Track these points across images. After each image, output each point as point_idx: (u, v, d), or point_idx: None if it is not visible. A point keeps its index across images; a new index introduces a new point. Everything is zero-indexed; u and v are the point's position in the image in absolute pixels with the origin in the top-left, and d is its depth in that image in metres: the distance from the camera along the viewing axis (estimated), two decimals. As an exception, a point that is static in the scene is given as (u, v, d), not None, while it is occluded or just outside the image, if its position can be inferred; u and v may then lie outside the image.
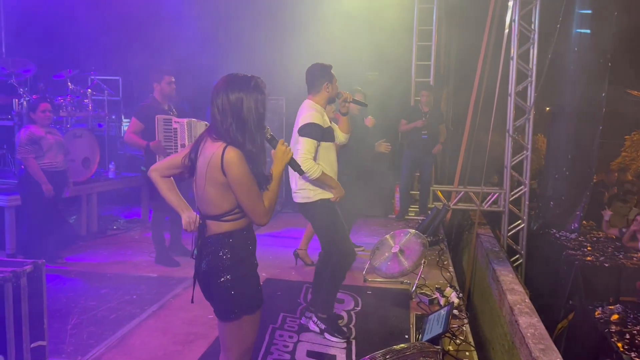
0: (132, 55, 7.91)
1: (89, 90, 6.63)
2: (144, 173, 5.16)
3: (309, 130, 3.53)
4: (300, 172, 2.57)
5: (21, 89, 6.03)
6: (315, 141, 3.55)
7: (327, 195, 3.64)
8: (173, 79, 5.11)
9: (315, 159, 3.53)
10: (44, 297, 3.25)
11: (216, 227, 2.22)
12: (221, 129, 2.16)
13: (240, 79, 2.19)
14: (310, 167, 3.45)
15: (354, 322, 4.01)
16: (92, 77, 7.22)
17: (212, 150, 2.15)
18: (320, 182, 3.56)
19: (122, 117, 7.91)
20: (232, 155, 2.11)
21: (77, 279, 4.85)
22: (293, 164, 2.41)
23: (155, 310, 4.14)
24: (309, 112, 3.62)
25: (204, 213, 2.25)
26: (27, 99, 5.76)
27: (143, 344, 3.59)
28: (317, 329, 3.76)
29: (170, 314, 4.09)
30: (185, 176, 2.38)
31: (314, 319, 3.79)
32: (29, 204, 5.02)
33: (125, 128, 7.93)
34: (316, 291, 3.88)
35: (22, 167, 4.91)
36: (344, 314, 4.12)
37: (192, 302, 2.38)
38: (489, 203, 7.15)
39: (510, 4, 6.72)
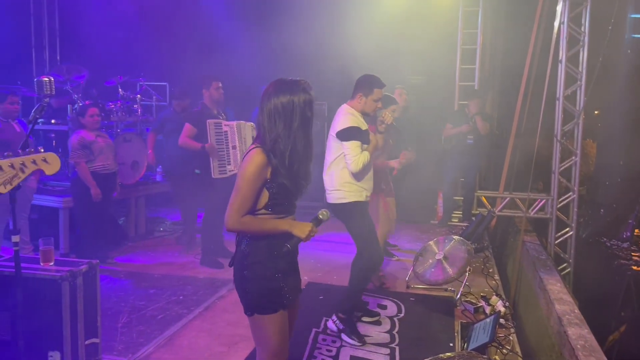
0: (178, 62, 8.15)
1: (138, 96, 6.84)
2: (198, 176, 5.33)
3: (351, 133, 3.59)
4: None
5: (75, 95, 6.28)
6: (360, 142, 3.61)
7: (361, 197, 3.68)
8: (220, 84, 5.29)
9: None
10: (97, 296, 3.38)
11: None
12: (264, 132, 2.23)
13: (288, 83, 2.25)
14: (359, 166, 3.55)
15: (397, 328, 3.99)
16: (141, 83, 7.45)
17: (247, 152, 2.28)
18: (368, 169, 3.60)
19: (170, 122, 8.11)
20: (251, 155, 2.21)
21: (127, 279, 5.01)
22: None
23: (201, 311, 4.24)
24: (346, 116, 3.69)
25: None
26: (80, 104, 5.99)
27: (189, 344, 3.68)
28: (335, 329, 3.78)
29: (216, 316, 4.17)
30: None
31: (334, 317, 3.81)
32: (81, 205, 5.21)
33: (172, 132, 8.14)
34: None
35: (74, 170, 5.11)
36: (387, 320, 4.11)
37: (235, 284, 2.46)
38: (535, 210, 6.96)
39: (559, 6, 6.55)
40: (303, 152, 2.25)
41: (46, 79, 2.73)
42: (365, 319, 4.08)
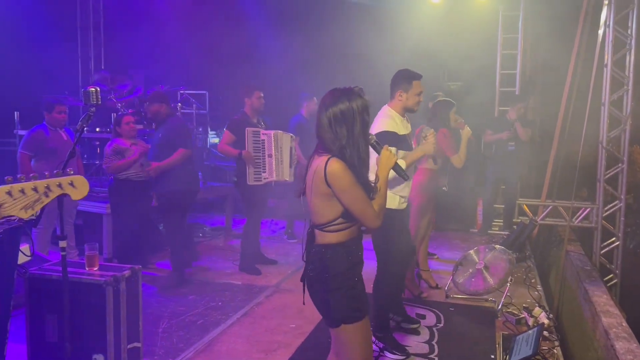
0: (217, 71, 8.31)
1: (179, 104, 6.99)
2: (236, 183, 5.41)
3: (382, 139, 3.47)
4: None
5: (119, 104, 6.47)
6: (394, 148, 3.51)
7: (393, 204, 3.54)
8: (262, 94, 5.37)
9: None
10: (139, 301, 3.45)
11: (320, 237, 2.32)
12: (328, 142, 2.26)
13: (343, 91, 2.30)
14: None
15: (436, 339, 3.92)
16: (182, 92, 7.62)
17: (318, 163, 2.27)
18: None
19: (209, 130, 8.27)
20: (335, 166, 2.20)
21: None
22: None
23: (239, 318, 4.27)
24: (382, 119, 3.59)
25: (312, 222, 2.36)
26: (124, 113, 6.16)
27: (228, 350, 3.71)
28: (377, 348, 3.69)
29: (254, 322, 4.20)
30: (298, 193, 2.48)
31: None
32: (120, 211, 5.33)
33: (212, 140, 8.30)
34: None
35: (111, 177, 5.24)
36: (426, 330, 4.04)
37: (304, 303, 2.46)
38: (579, 219, 6.74)
39: (604, 8, 6.35)
40: (366, 157, 2.30)
41: (92, 89, 2.82)
42: (404, 324, 4.01)
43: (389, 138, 3.47)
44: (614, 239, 6.54)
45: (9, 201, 1.45)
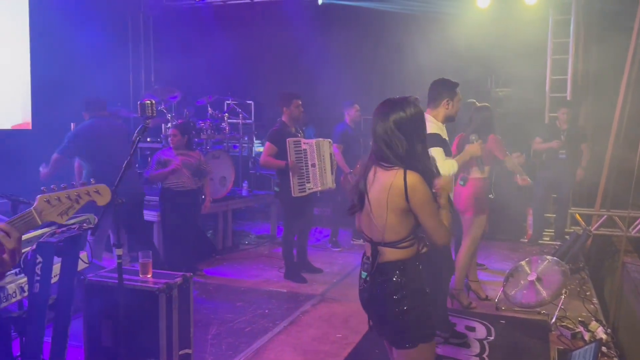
0: (262, 80, 8.44)
1: (226, 114, 7.13)
2: (277, 193, 5.45)
3: (432, 140, 3.39)
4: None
5: (169, 115, 6.65)
6: (442, 149, 3.49)
7: None
8: (300, 102, 5.36)
9: None
10: (191, 308, 3.51)
11: (390, 254, 2.21)
12: (391, 155, 2.19)
13: (397, 101, 2.26)
14: (450, 169, 3.47)
15: (487, 352, 3.82)
16: (228, 102, 7.77)
17: (389, 177, 2.17)
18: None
19: (254, 139, 8.39)
20: (415, 180, 2.14)
21: (215, 291, 5.18)
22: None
23: (286, 326, 4.29)
24: (427, 123, 3.58)
25: (378, 240, 2.23)
26: (173, 123, 6.33)
27: (276, 359, 3.73)
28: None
29: (301, 330, 4.21)
30: (355, 210, 2.37)
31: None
32: (169, 219, 5.45)
33: (257, 149, 8.42)
34: None
35: (160, 185, 5.37)
36: (476, 343, 3.95)
37: (369, 325, 2.45)
38: (637, 229, 6.45)
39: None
40: (430, 167, 2.28)
41: (148, 102, 2.91)
42: (452, 340, 3.94)
43: (435, 139, 3.45)
44: (675, 250, 6.22)
45: (47, 208, 1.66)
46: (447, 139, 3.67)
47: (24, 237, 1.94)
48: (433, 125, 3.56)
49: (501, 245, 6.88)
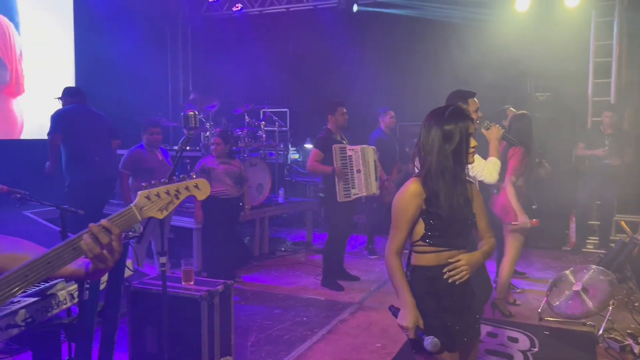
0: (297, 88, 8.51)
1: (263, 122, 7.20)
2: (322, 199, 5.51)
3: None
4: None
5: (207, 123, 6.77)
6: (477, 155, 3.41)
7: None
8: (345, 110, 5.44)
9: None
10: (232, 315, 3.56)
11: (412, 257, 2.30)
12: (418, 163, 2.25)
13: (436, 112, 2.23)
14: (494, 174, 3.38)
15: (531, 364, 3.73)
16: (265, 110, 7.85)
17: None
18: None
19: (289, 146, 8.45)
20: (407, 185, 2.21)
21: (254, 298, 5.22)
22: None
23: (325, 334, 4.28)
24: None
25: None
26: (213, 131, 6.43)
27: (315, 367, 3.73)
28: None
29: (339, 339, 4.19)
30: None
31: None
32: (208, 227, 5.53)
33: (292, 156, 8.48)
34: None
35: None
36: (519, 355, 3.86)
37: None
38: (687, 237, 6.19)
39: None
40: (457, 180, 2.20)
41: (191, 113, 2.97)
42: None
43: None
44: None
45: (147, 204, 1.64)
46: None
47: None
48: None
49: (542, 253, 6.71)
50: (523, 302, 4.94)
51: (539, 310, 4.55)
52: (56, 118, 5.31)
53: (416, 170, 2.31)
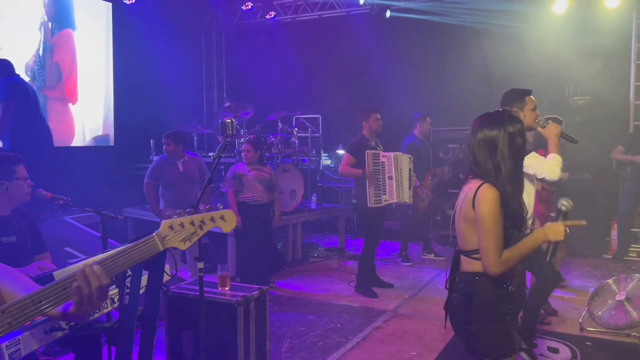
0: (329, 95, 8.53)
1: (295, 129, 7.24)
2: (355, 205, 5.50)
3: None
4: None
5: (241, 130, 6.84)
6: (535, 153, 3.32)
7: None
8: (379, 116, 5.44)
9: None
10: (267, 321, 3.57)
11: (467, 264, 2.26)
12: (478, 168, 2.22)
13: (491, 116, 2.25)
14: (555, 170, 3.24)
15: (573, 376, 3.62)
16: (297, 117, 7.89)
17: (470, 186, 2.23)
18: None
19: (322, 152, 8.47)
20: (485, 192, 2.14)
21: (287, 303, 5.23)
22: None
23: (359, 342, 4.26)
24: None
25: (459, 247, 2.31)
26: (246, 138, 6.50)
27: (350, 375, 3.71)
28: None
29: (373, 347, 4.16)
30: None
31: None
32: (241, 232, 5.56)
33: (325, 162, 8.48)
34: None
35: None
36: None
37: (445, 328, 2.42)
38: None
39: None
40: (519, 181, 2.21)
41: (228, 120, 3.01)
42: (524, 355, 3.74)
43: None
44: None
45: (170, 234, 1.61)
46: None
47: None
48: None
49: (582, 261, 6.52)
50: (563, 312, 4.81)
51: (580, 320, 4.42)
52: (5, 86, 4.97)
53: (460, 176, 2.29)
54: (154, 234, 1.60)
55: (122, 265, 1.57)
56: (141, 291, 2.99)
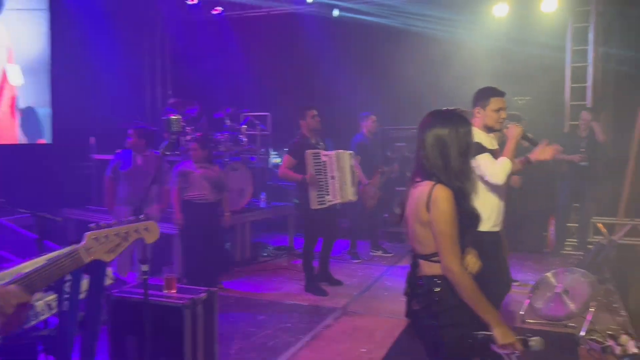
0: (278, 92, 8.47)
1: (244, 126, 7.14)
2: (297, 205, 5.42)
3: (477, 149, 3.08)
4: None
5: (187, 128, 6.67)
6: (489, 154, 3.26)
7: (485, 227, 3.18)
8: (316, 112, 5.36)
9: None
10: (215, 324, 3.50)
11: (427, 268, 2.19)
12: (428, 167, 2.19)
13: (441, 114, 2.23)
14: (502, 175, 3.20)
15: (515, 367, 3.74)
16: (246, 114, 7.79)
17: (421, 189, 2.18)
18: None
19: (271, 150, 8.40)
20: (439, 193, 2.11)
21: (236, 304, 5.15)
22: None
23: (309, 341, 4.25)
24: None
25: (415, 252, 2.26)
26: (192, 136, 6.35)
27: (301, 374, 3.69)
28: None
29: (324, 345, 4.16)
30: (397, 219, 2.38)
31: None
32: (187, 232, 5.43)
33: (274, 160, 8.41)
34: None
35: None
36: (505, 358, 3.86)
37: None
38: (663, 238, 6.34)
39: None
40: (470, 179, 2.20)
41: (174, 117, 2.93)
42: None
43: (481, 148, 3.23)
44: (702, 259, 6.10)
45: (95, 246, 1.63)
46: (493, 149, 3.38)
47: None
48: (475, 134, 3.35)
49: (523, 256, 6.77)
50: (505, 305, 4.96)
51: (522, 312, 4.59)
52: None
53: (408, 174, 2.26)
54: (78, 245, 1.62)
55: (47, 280, 1.58)
56: (82, 296, 2.86)
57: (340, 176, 5.28)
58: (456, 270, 2.08)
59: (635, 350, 3.77)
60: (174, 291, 3.42)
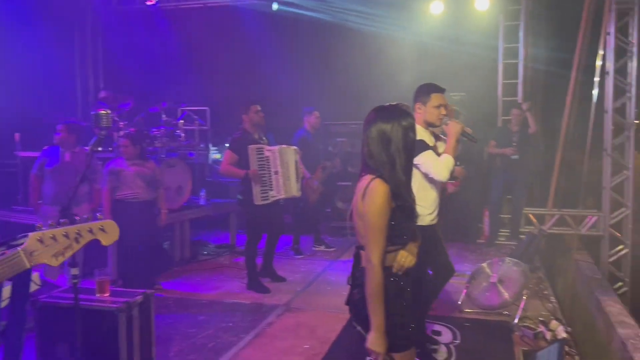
0: (218, 86, 8.29)
1: (181, 121, 6.94)
2: (240, 201, 5.31)
3: (419, 146, 3.17)
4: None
5: (121, 123, 6.39)
6: (432, 151, 3.31)
7: (424, 222, 3.33)
8: (259, 108, 5.27)
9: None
10: (152, 327, 3.37)
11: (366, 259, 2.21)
12: (373, 160, 2.19)
13: (385, 109, 2.23)
14: (445, 172, 3.24)
15: (454, 356, 3.84)
16: (183, 109, 7.57)
17: (363, 182, 2.19)
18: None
19: (210, 146, 8.21)
20: (374, 187, 2.12)
21: (175, 305, 5.00)
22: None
23: (251, 339, 4.18)
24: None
25: (358, 243, 2.28)
26: (126, 131, 6.09)
27: (243, 374, 3.63)
28: None
29: (267, 343, 4.11)
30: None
31: None
32: (122, 232, 5.19)
33: (214, 156, 8.23)
34: None
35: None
36: (443, 348, 3.97)
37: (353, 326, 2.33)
38: (587, 227, 6.70)
39: (605, 16, 6.37)
40: (410, 174, 2.23)
41: (103, 112, 2.78)
42: (428, 345, 3.89)
43: (424, 145, 3.29)
44: (622, 246, 6.51)
45: (40, 248, 1.41)
46: (432, 145, 3.42)
47: None
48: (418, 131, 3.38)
49: (459, 246, 6.99)
50: (444, 295, 5.09)
51: (459, 302, 4.72)
52: None
53: (349, 169, 2.26)
54: (19, 248, 1.40)
55: None
56: (4, 304, 2.67)
57: (284, 171, 5.21)
58: (375, 262, 2.11)
59: (564, 335, 3.97)
60: (107, 295, 3.26)
